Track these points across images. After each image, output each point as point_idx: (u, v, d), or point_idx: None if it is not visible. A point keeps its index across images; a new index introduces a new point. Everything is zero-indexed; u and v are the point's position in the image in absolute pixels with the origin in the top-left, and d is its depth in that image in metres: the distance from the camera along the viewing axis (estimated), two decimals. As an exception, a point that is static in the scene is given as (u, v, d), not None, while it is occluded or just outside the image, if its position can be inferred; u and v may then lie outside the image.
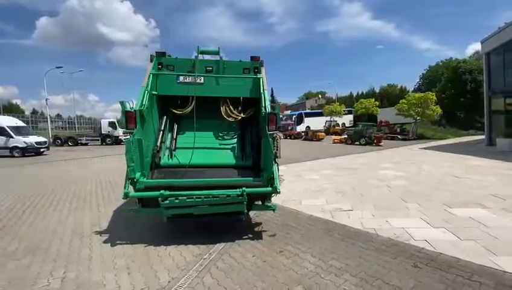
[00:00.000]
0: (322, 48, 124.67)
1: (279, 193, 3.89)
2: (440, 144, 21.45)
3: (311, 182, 8.05)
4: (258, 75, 4.82)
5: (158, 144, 4.59)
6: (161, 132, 4.76)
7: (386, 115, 34.24)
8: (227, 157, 4.84)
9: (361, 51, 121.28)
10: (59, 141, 26.02)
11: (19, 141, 16.02)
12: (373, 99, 37.25)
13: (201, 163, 4.58)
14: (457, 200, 5.67)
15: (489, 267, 2.96)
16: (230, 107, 5.10)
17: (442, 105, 30.34)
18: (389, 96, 45.78)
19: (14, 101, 58.19)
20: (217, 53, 5.04)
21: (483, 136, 21.88)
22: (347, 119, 40.72)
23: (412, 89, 47.92)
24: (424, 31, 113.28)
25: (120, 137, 27.90)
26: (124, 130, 28.93)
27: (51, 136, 26.55)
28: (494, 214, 4.73)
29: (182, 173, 4.34)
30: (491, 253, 3.28)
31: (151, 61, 4.78)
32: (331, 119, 37.09)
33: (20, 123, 18.07)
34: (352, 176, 8.86)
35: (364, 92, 52.77)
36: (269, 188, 3.92)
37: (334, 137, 26.36)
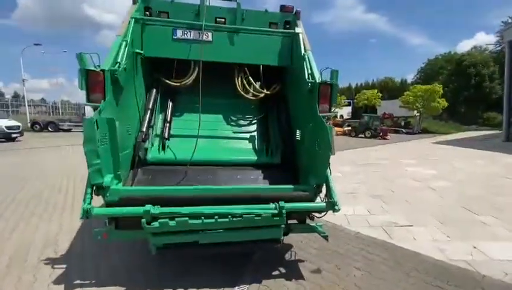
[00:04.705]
0: (318, 39, 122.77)
1: (338, 210, 2.43)
2: (450, 138, 20.45)
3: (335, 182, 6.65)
4: (297, 29, 3.26)
5: (144, 129, 3.03)
6: (149, 112, 3.19)
7: (387, 107, 33.20)
8: (245, 151, 3.34)
9: (355, 43, 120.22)
10: (38, 126, 23.71)
11: (-16, 125, 14.00)
12: (376, 91, 35.98)
13: (207, 160, 3.07)
14: (538, 211, 4.38)
15: None
16: (250, 79, 3.56)
17: (445, 99, 29.50)
18: (389, 89, 44.75)
19: (-7, 84, 54.28)
20: None
21: (490, 132, 21.08)
22: (346, 111, 39.53)
23: (410, 82, 47.12)
24: (416, 27, 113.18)
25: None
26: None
27: (28, 120, 24.22)
28: None
29: (180, 175, 2.83)
30: None
31: (134, 3, 3.15)
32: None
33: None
34: (378, 174, 7.52)
35: (362, 84, 51.61)
36: (321, 204, 2.47)
37: (337, 129, 25.09)
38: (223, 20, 3.38)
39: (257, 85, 3.56)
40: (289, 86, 3.49)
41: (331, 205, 2.40)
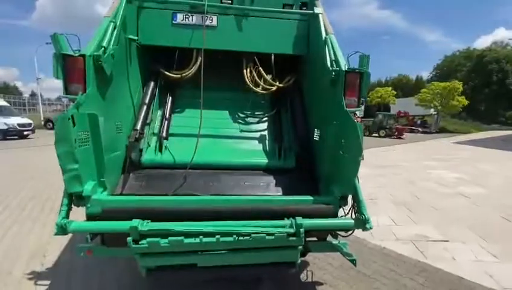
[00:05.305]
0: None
1: (370, 229, 1.96)
2: (471, 138, 19.35)
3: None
4: (316, 10, 2.77)
5: (138, 127, 2.63)
6: (145, 107, 2.79)
7: (402, 105, 31.95)
8: (254, 153, 2.88)
9: (367, 40, 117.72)
10: (50, 124, 24.05)
11: (-2, 122, 14.17)
12: (390, 88, 34.65)
13: (210, 163, 2.65)
14: None
15: None
16: (260, 69, 3.10)
17: (464, 97, 28.07)
18: (403, 87, 43.21)
19: (13, 83, 55.69)
20: None
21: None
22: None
23: (426, 79, 45.38)
24: (430, 23, 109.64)
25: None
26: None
27: (42, 118, 24.62)
28: None
29: (178, 180, 2.42)
30: None
31: None
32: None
33: (2, 102, 16.10)
34: (398, 177, 6.92)
35: (375, 82, 50.11)
36: (349, 221, 2.00)
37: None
38: (230, 1, 2.94)
39: (268, 77, 3.10)
40: (306, 77, 3.02)
41: (362, 223, 1.93)
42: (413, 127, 25.10)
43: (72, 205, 1.93)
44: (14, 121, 14.65)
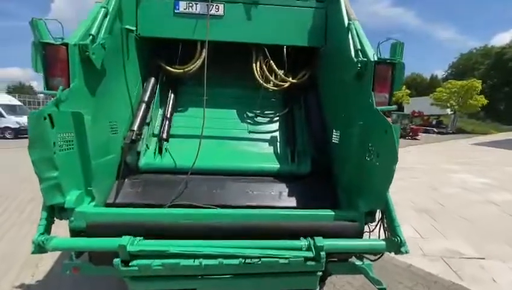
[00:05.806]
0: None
1: (405, 253, 1.63)
2: (491, 139, 18.44)
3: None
4: (334, -6, 2.43)
5: (136, 127, 2.35)
6: (143, 106, 2.51)
7: (416, 105, 30.94)
8: (263, 156, 2.56)
9: (378, 38, 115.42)
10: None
11: (11, 120, 14.34)
12: (404, 87, 33.70)
13: (214, 168, 2.35)
14: None
15: None
16: (272, 64, 2.78)
17: (483, 96, 26.84)
18: (417, 86, 41.91)
19: (28, 83, 56.60)
20: None
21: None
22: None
23: (441, 78, 43.93)
24: (445, 21, 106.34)
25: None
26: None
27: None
28: None
29: (178, 187, 2.13)
30: None
31: None
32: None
33: (15, 101, 16.33)
34: (418, 181, 6.47)
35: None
36: (379, 242, 1.67)
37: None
38: None
39: (280, 72, 2.78)
40: (323, 71, 2.69)
41: (396, 246, 1.59)
42: (429, 127, 24.20)
43: (55, 218, 1.67)
44: (25, 120, 14.86)
